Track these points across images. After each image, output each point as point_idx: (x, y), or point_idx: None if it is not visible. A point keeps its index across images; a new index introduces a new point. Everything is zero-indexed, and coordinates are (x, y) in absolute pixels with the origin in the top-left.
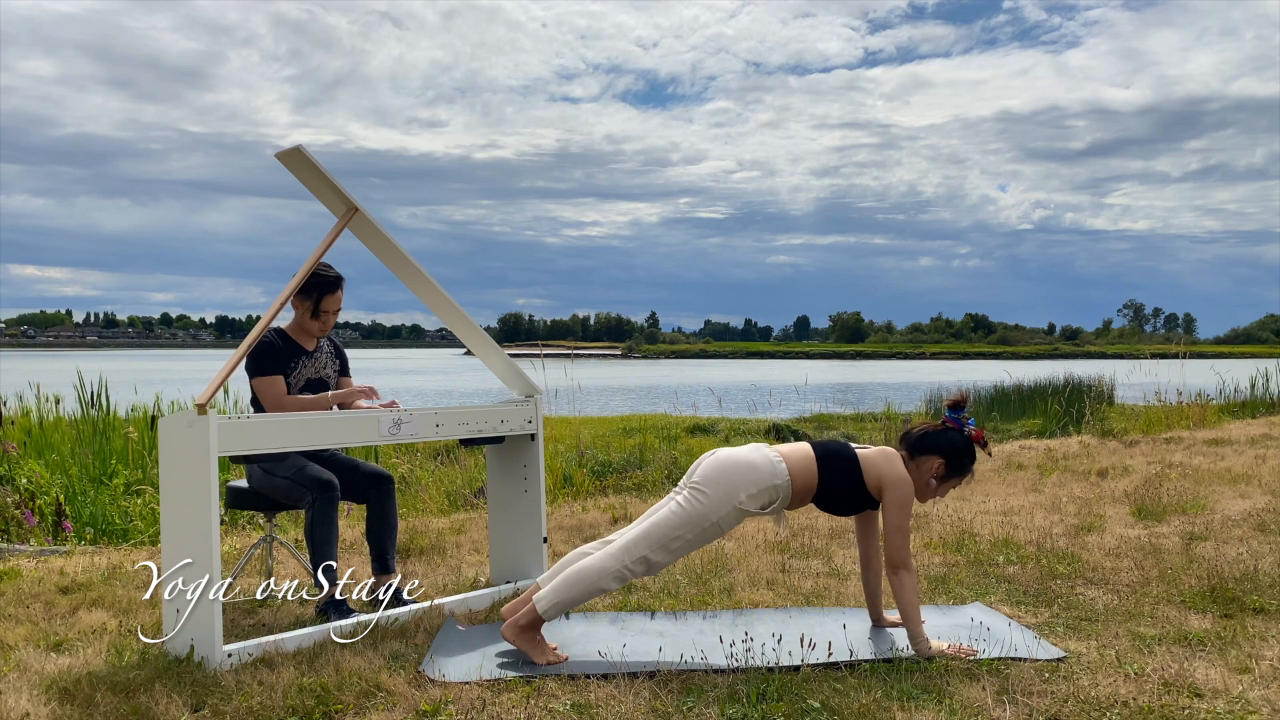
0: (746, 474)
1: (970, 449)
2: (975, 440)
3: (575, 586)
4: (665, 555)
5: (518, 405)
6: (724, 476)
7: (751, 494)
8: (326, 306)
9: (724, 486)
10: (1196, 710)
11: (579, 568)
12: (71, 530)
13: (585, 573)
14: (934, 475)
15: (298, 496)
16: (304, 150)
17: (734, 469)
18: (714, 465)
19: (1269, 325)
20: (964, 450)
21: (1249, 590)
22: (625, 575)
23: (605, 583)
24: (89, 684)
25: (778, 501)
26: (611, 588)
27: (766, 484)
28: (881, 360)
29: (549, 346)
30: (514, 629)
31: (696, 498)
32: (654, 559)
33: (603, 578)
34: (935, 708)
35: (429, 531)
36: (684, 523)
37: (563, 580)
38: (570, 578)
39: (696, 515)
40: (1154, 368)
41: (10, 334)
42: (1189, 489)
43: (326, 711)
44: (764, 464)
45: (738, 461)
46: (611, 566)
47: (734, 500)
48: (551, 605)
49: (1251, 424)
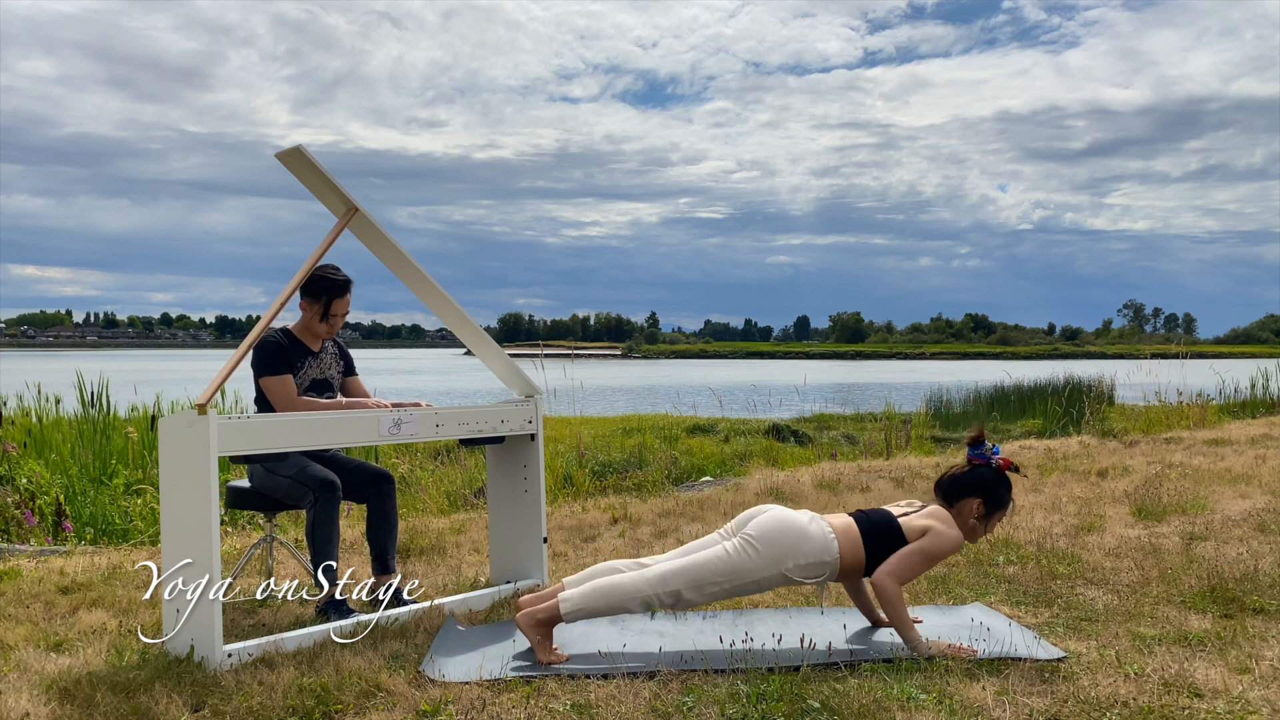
0: (800, 542)
1: (1002, 479)
2: (1004, 469)
3: (603, 598)
4: (698, 596)
5: (518, 405)
6: (779, 539)
7: (800, 564)
8: (336, 310)
9: (777, 549)
10: (1196, 710)
11: (612, 582)
12: (71, 530)
13: (616, 588)
14: (975, 516)
15: (300, 496)
16: (304, 150)
17: (790, 534)
18: (771, 524)
19: (1269, 325)
20: (996, 483)
21: (1249, 590)
22: (653, 603)
23: (632, 605)
24: (89, 684)
25: (825, 575)
26: (636, 611)
27: (817, 558)
28: (881, 360)
29: (549, 346)
30: (530, 619)
31: (746, 550)
32: (686, 596)
33: (631, 599)
34: (935, 708)
35: (429, 531)
36: (727, 571)
37: (593, 589)
38: (601, 589)
39: (741, 568)
40: (1154, 368)
41: (10, 334)
42: (1189, 489)
43: (326, 711)
44: (819, 536)
45: (794, 528)
46: (644, 591)
47: (782, 566)
48: (576, 609)
49: (1251, 424)
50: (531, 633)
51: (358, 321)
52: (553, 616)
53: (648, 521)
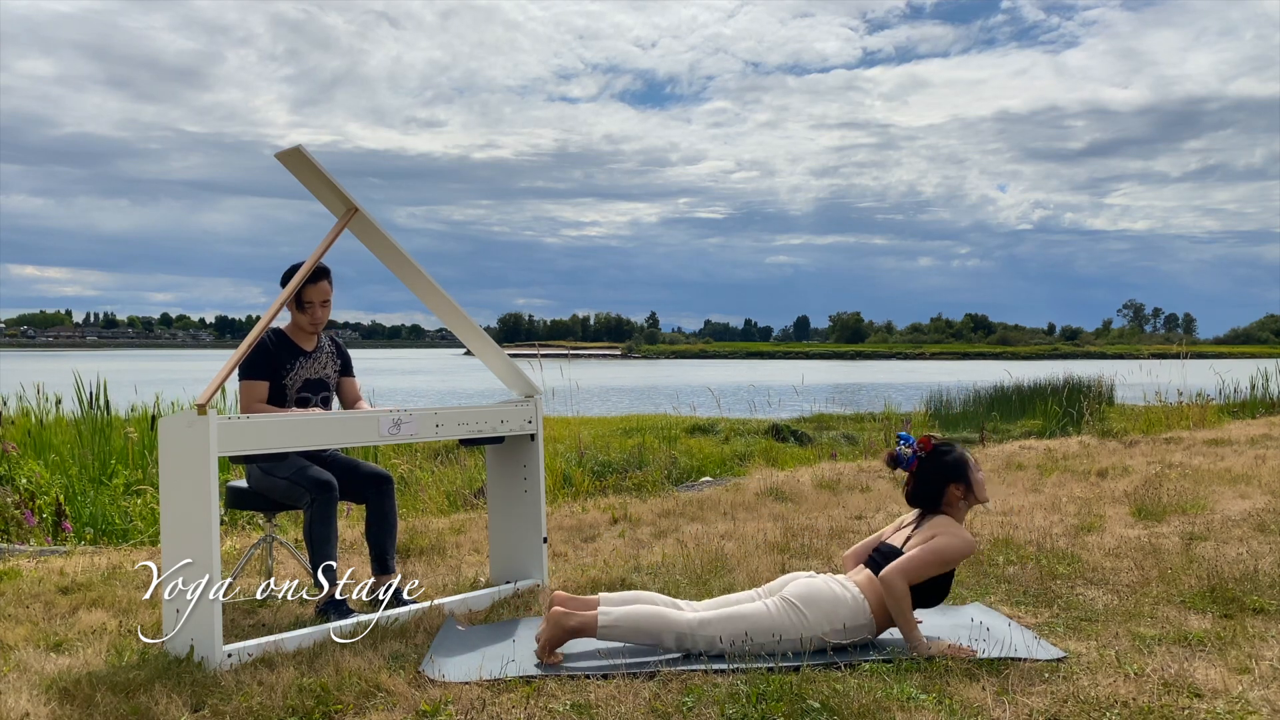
0: (837, 608)
1: (936, 457)
2: (927, 449)
3: (641, 625)
4: (730, 647)
5: (517, 405)
6: (818, 603)
7: (837, 628)
8: (310, 297)
9: (817, 613)
10: (1196, 710)
11: (654, 613)
12: (71, 530)
13: (655, 618)
14: (962, 498)
15: (297, 497)
16: (304, 150)
17: (827, 600)
18: (808, 590)
19: (1269, 325)
20: (938, 463)
21: (1249, 590)
22: (687, 643)
23: (667, 639)
24: (89, 684)
25: (866, 634)
26: (669, 646)
27: (855, 620)
28: (881, 360)
29: (548, 346)
30: (562, 617)
31: (790, 612)
32: (721, 645)
33: (667, 633)
34: (935, 708)
35: (429, 531)
36: (768, 628)
37: (635, 613)
38: (641, 615)
39: (782, 627)
40: (1154, 368)
41: (10, 334)
42: (1189, 489)
43: (326, 711)
44: (850, 600)
45: (829, 593)
46: (681, 629)
47: (823, 628)
48: (612, 626)
49: (1251, 424)
50: (555, 630)
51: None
52: (585, 627)
53: (648, 522)
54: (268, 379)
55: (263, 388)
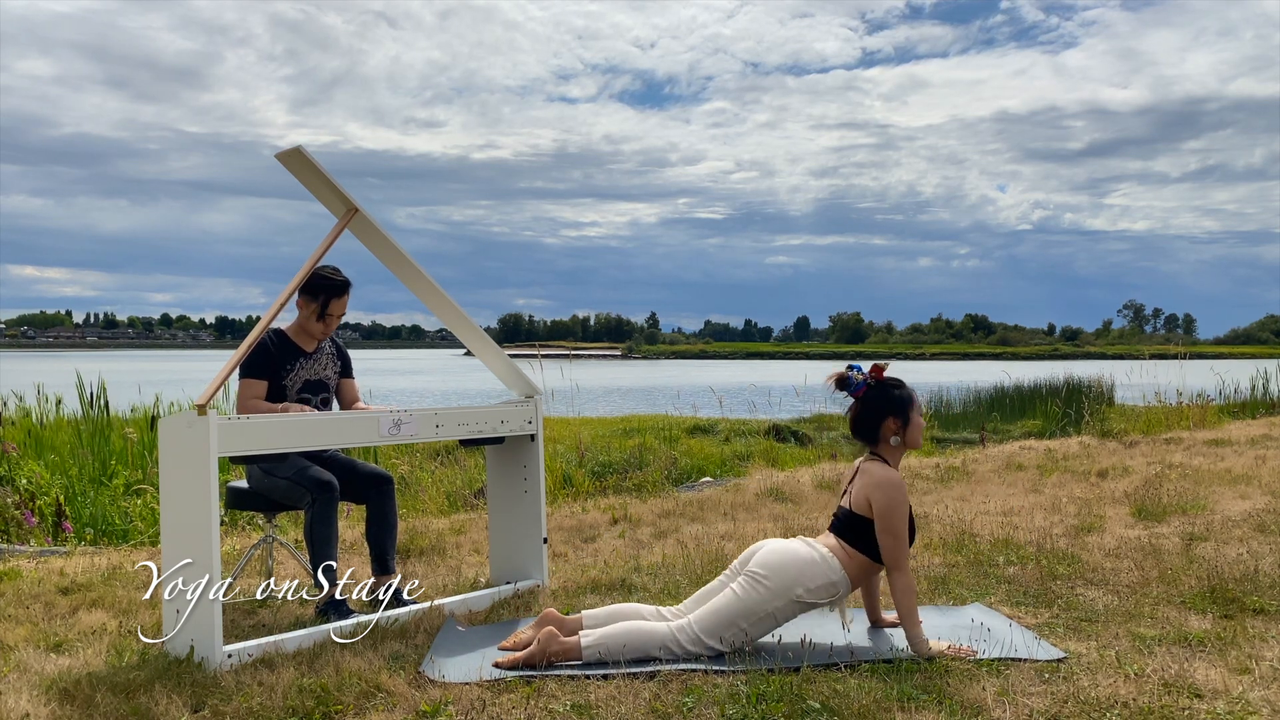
0: (805, 568)
1: (887, 385)
2: (876, 376)
3: (626, 642)
4: (720, 644)
5: (518, 406)
6: (784, 567)
7: (810, 588)
8: (333, 310)
9: (784, 578)
10: (1196, 711)
11: (635, 629)
12: (71, 531)
13: (639, 636)
14: (895, 434)
15: (297, 497)
16: (304, 151)
17: (793, 562)
18: (772, 555)
19: (1269, 326)
20: (885, 392)
21: (1249, 591)
22: (677, 654)
23: (655, 652)
24: (89, 684)
25: (840, 593)
26: (661, 659)
27: (824, 580)
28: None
29: (548, 347)
30: (550, 640)
31: (755, 587)
32: (709, 644)
33: (652, 647)
34: (935, 708)
35: (429, 532)
36: (741, 612)
37: (616, 632)
38: (624, 635)
39: (753, 605)
40: (1154, 368)
41: (10, 334)
42: (1189, 489)
43: (326, 712)
44: (819, 559)
45: (794, 554)
46: (666, 640)
47: (792, 593)
48: (594, 651)
49: (1251, 424)
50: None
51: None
52: (569, 652)
53: (648, 522)
54: (267, 379)
55: (261, 387)
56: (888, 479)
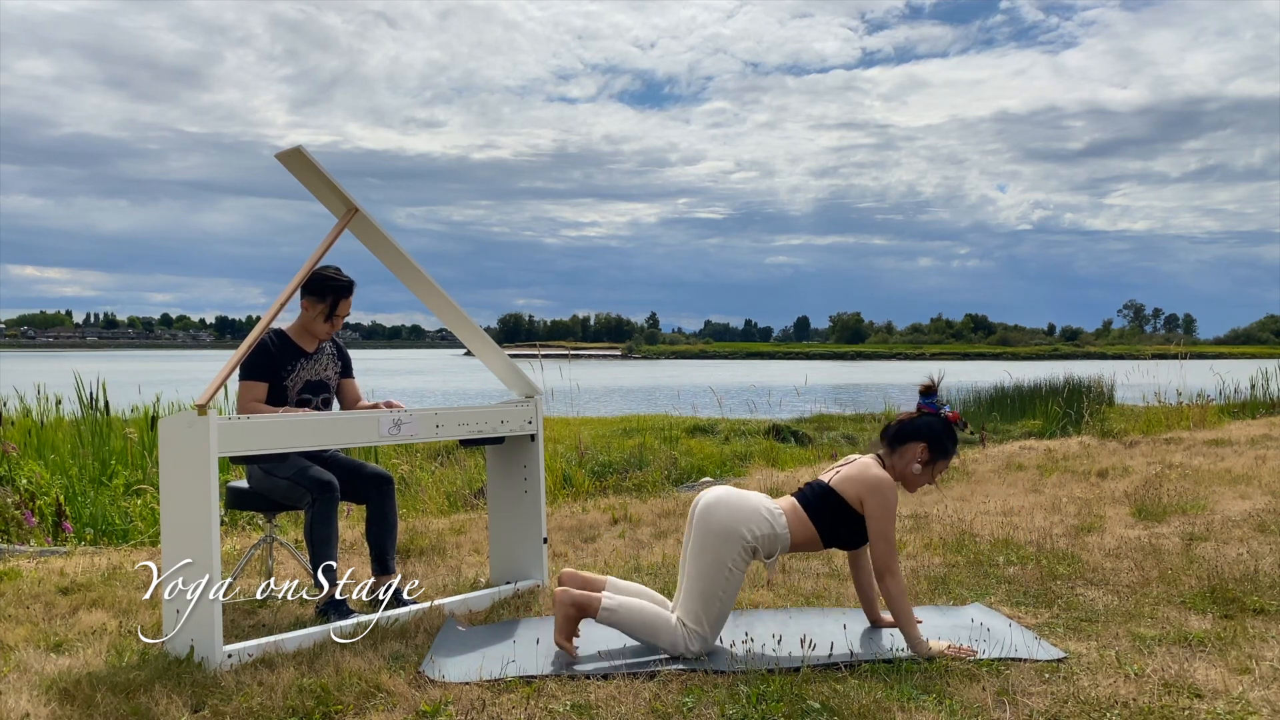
0: (750, 513)
1: (950, 430)
2: (953, 421)
3: (643, 620)
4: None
5: (518, 406)
6: (726, 511)
7: (754, 533)
8: (341, 311)
9: (727, 520)
10: (1196, 711)
11: (655, 611)
12: (71, 531)
13: (656, 619)
14: (919, 460)
15: (298, 497)
16: (304, 151)
17: (736, 503)
18: (713, 499)
19: (1269, 326)
20: (943, 431)
21: (1249, 591)
22: (679, 645)
23: (663, 641)
24: (89, 684)
25: (774, 549)
26: (664, 647)
27: (767, 529)
28: (882, 361)
29: (548, 347)
30: (568, 597)
31: (705, 542)
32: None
33: (664, 634)
34: (935, 708)
35: (429, 532)
36: (705, 575)
37: (637, 607)
38: (645, 611)
39: (712, 563)
40: (1154, 368)
41: (10, 334)
42: (1189, 489)
43: (326, 712)
44: (763, 507)
45: (738, 498)
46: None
47: (738, 533)
48: (611, 616)
49: (1251, 424)
50: (561, 609)
51: (358, 322)
52: (588, 605)
53: (648, 522)
54: (268, 380)
55: (261, 388)
56: (885, 482)
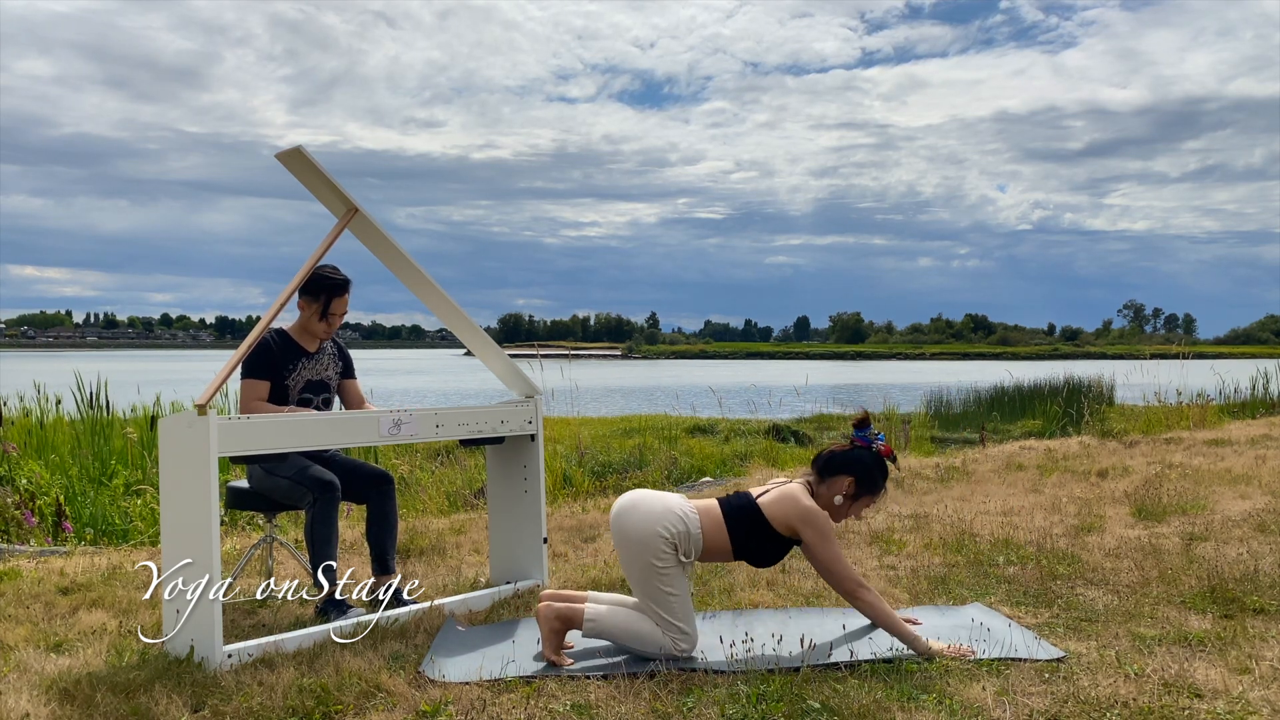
0: (663, 513)
1: (881, 465)
2: (884, 455)
3: (627, 628)
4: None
5: (518, 406)
6: (637, 516)
7: (670, 529)
8: (335, 309)
9: (640, 524)
10: (1196, 711)
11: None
12: (71, 531)
13: (641, 624)
14: (844, 494)
15: (298, 497)
16: (304, 151)
17: (645, 507)
18: (623, 507)
19: (1269, 326)
20: (874, 467)
21: (1249, 591)
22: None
23: (650, 644)
24: (89, 684)
25: (690, 550)
26: (651, 653)
27: (681, 528)
28: (882, 361)
29: (548, 347)
30: (550, 611)
31: (627, 551)
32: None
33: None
34: (935, 708)
35: (429, 532)
36: (642, 582)
37: (621, 617)
38: (627, 620)
39: (642, 569)
40: (1153, 368)
41: (10, 334)
42: (1189, 489)
43: (326, 712)
44: (676, 506)
45: (648, 500)
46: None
47: (654, 532)
48: (595, 626)
49: (1251, 424)
50: (546, 624)
51: (358, 322)
52: (572, 617)
53: None
54: (269, 379)
55: (263, 387)
56: (817, 513)
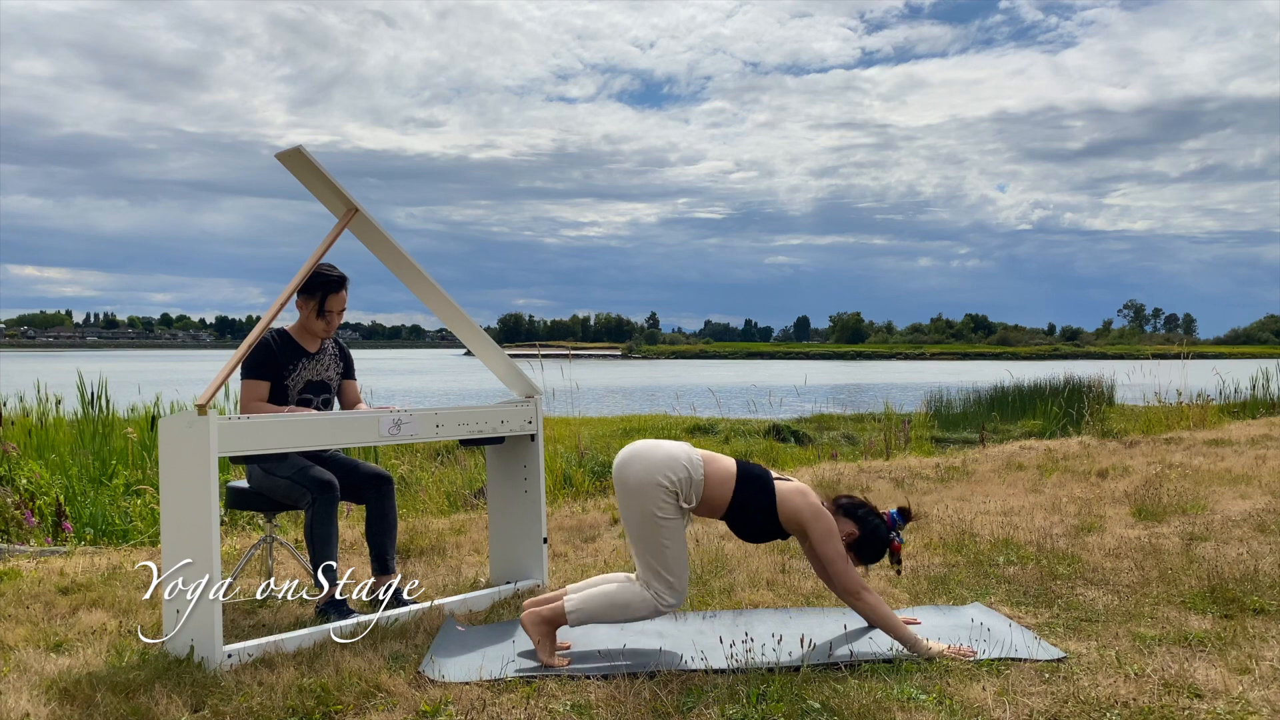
0: (664, 460)
1: (883, 546)
2: (893, 549)
3: (606, 603)
4: (663, 565)
5: (518, 406)
6: (639, 465)
7: (670, 477)
8: (331, 306)
9: (641, 474)
10: (1196, 711)
11: (618, 592)
12: (71, 531)
13: (622, 593)
14: (845, 535)
15: (298, 497)
16: (304, 151)
17: (647, 456)
18: (625, 458)
19: (1269, 326)
20: (879, 541)
21: (1249, 591)
22: (653, 604)
23: (639, 607)
24: (89, 684)
25: (692, 497)
26: (643, 614)
27: (684, 473)
28: (882, 361)
29: (548, 347)
30: (534, 617)
31: (627, 501)
32: (663, 575)
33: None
34: (935, 708)
35: (429, 532)
36: (641, 531)
37: (599, 594)
38: (605, 595)
39: (641, 517)
40: (1153, 368)
41: (10, 334)
42: (1189, 489)
43: (326, 712)
44: (681, 454)
45: (650, 449)
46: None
47: (655, 482)
48: (579, 611)
49: (1252, 424)
50: (534, 631)
51: (358, 321)
52: (557, 617)
53: None
54: (270, 379)
55: (264, 388)
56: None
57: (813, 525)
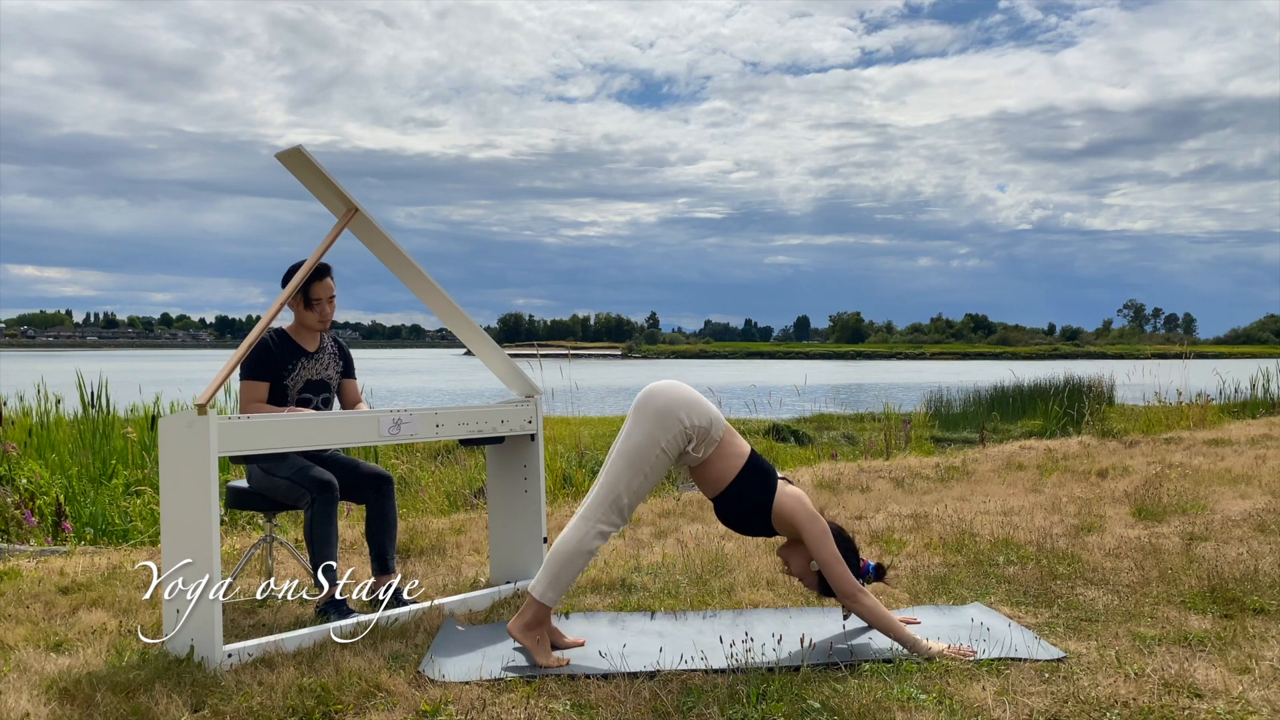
0: (694, 403)
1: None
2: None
3: (561, 561)
4: (631, 496)
5: (518, 405)
6: (668, 397)
7: (692, 420)
8: (317, 294)
9: (667, 404)
10: (1196, 711)
11: (559, 543)
12: (71, 530)
13: (566, 543)
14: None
15: (297, 497)
16: (304, 151)
17: (679, 393)
18: (659, 386)
19: (1269, 325)
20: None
21: (1249, 590)
22: (606, 530)
23: (589, 543)
24: (89, 684)
25: (701, 449)
26: (595, 546)
27: (705, 423)
28: (882, 361)
29: (548, 346)
30: (518, 625)
31: (640, 423)
32: (624, 502)
33: (585, 540)
34: (935, 708)
35: (429, 532)
36: (633, 452)
37: (549, 560)
38: (555, 554)
39: (643, 443)
40: (1153, 368)
41: (10, 334)
42: (1189, 489)
43: (326, 712)
44: (711, 407)
45: (686, 390)
46: (589, 528)
47: (677, 416)
48: (546, 587)
49: (1252, 424)
50: (523, 638)
51: (357, 322)
52: (536, 612)
53: (648, 522)
54: (269, 379)
55: (263, 388)
56: (820, 517)
57: (808, 527)
